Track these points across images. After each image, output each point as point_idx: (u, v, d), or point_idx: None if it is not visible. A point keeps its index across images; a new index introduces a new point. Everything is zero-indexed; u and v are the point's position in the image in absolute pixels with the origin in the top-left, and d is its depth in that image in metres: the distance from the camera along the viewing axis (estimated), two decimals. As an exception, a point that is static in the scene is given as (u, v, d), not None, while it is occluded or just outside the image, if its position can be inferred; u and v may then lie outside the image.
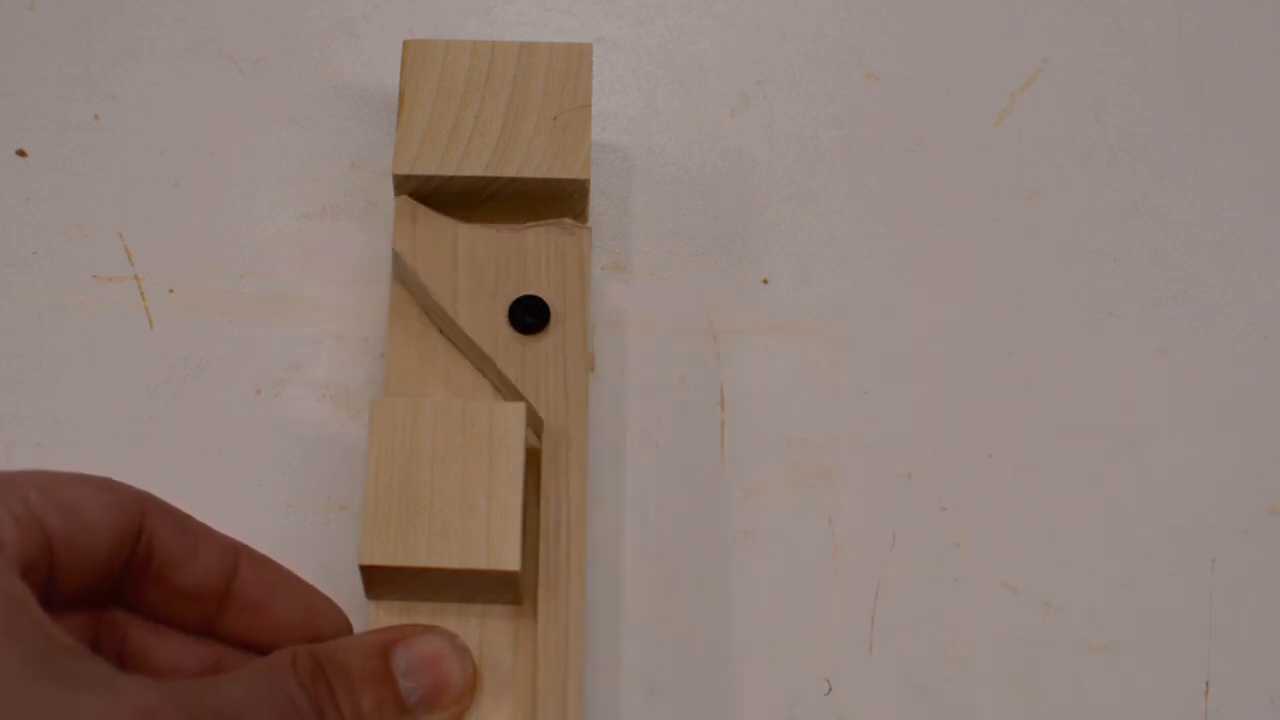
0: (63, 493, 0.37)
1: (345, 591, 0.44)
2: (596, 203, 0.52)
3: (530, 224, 0.48)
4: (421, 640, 0.40)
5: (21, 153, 0.52)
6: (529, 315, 0.46)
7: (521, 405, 0.44)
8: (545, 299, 0.46)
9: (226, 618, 0.40)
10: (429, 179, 0.47)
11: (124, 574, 0.39)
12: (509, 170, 0.47)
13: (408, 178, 0.47)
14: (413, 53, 0.49)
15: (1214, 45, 0.55)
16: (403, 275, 0.47)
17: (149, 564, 0.39)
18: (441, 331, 0.47)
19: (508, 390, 0.46)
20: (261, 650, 0.41)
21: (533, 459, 0.45)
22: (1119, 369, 0.50)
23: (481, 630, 0.43)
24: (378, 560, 0.42)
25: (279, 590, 0.41)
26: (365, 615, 0.43)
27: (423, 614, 0.43)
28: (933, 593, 0.47)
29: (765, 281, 0.51)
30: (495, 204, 0.48)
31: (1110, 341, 0.50)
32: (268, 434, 0.48)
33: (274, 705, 0.36)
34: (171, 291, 0.50)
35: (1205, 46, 0.55)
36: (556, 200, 0.48)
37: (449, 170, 0.47)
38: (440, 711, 0.40)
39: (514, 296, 0.46)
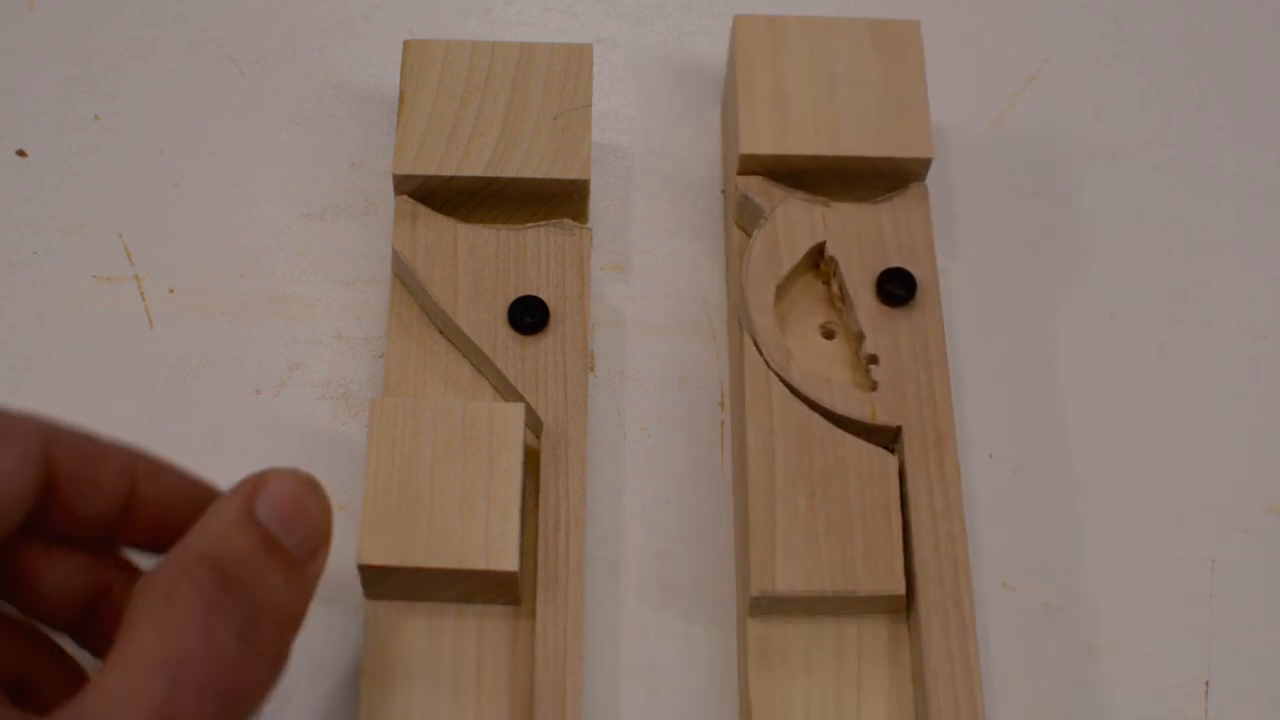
0: None
1: (345, 591, 0.44)
2: (596, 203, 0.52)
3: (530, 224, 0.48)
4: (273, 485, 0.38)
5: (21, 153, 0.52)
6: (529, 315, 0.46)
7: (521, 405, 0.44)
8: (545, 299, 0.46)
9: (125, 532, 0.40)
10: (429, 179, 0.47)
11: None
12: (509, 170, 0.47)
13: (408, 178, 0.47)
14: (413, 53, 0.49)
15: (1213, 45, 0.55)
16: (403, 275, 0.48)
17: (53, 496, 0.38)
18: (441, 331, 0.47)
19: (507, 390, 0.46)
20: (160, 550, 0.39)
21: (532, 459, 0.45)
22: (1119, 369, 0.50)
23: (481, 630, 0.43)
24: (377, 560, 0.42)
25: (176, 499, 0.40)
26: (365, 615, 0.43)
27: (421, 613, 0.43)
28: (932, 593, 0.46)
29: (765, 281, 0.51)
30: (495, 204, 0.48)
31: (1110, 341, 0.50)
32: (268, 434, 0.48)
33: (151, 705, 0.34)
34: (171, 291, 0.50)
35: (1205, 46, 0.55)
36: (556, 200, 0.48)
37: (449, 170, 0.47)
38: (321, 553, 0.38)
39: (514, 296, 0.46)
